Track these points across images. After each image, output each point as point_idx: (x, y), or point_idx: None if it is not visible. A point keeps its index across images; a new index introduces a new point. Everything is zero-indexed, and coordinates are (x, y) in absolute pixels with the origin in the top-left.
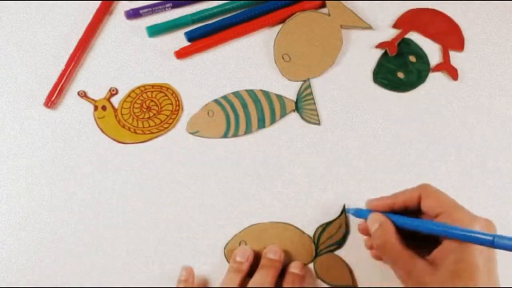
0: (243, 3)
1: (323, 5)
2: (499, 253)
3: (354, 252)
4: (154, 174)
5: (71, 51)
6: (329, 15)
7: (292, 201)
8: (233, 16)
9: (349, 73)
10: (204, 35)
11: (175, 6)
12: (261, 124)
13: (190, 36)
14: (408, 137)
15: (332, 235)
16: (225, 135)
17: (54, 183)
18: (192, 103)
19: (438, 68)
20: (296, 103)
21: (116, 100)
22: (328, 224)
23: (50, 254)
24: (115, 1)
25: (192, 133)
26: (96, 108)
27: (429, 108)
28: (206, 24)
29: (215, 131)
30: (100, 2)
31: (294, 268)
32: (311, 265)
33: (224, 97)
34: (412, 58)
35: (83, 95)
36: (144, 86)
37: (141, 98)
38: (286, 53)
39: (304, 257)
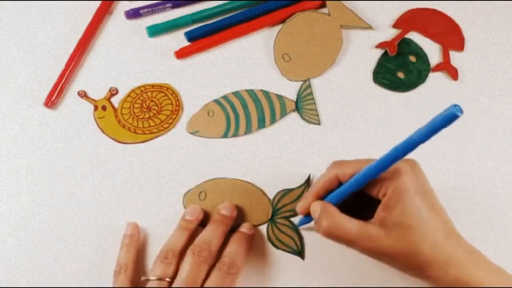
0: (243, 3)
1: (323, 5)
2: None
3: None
4: (154, 174)
5: (71, 51)
6: (329, 15)
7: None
8: (233, 16)
9: (349, 73)
10: (204, 35)
11: (175, 6)
12: (261, 124)
13: (190, 36)
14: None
15: (291, 201)
16: (225, 135)
17: (54, 183)
18: (192, 103)
19: (438, 68)
20: (296, 103)
21: (116, 100)
22: (289, 190)
23: (50, 254)
24: (115, 1)
25: (192, 133)
26: (96, 108)
27: (429, 108)
28: (206, 24)
29: (215, 131)
30: (100, 2)
31: (244, 227)
32: (264, 226)
33: (224, 97)
34: (412, 58)
35: (83, 95)
36: (144, 86)
37: (141, 98)
38: (286, 53)
39: (260, 217)
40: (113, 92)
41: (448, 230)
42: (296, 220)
